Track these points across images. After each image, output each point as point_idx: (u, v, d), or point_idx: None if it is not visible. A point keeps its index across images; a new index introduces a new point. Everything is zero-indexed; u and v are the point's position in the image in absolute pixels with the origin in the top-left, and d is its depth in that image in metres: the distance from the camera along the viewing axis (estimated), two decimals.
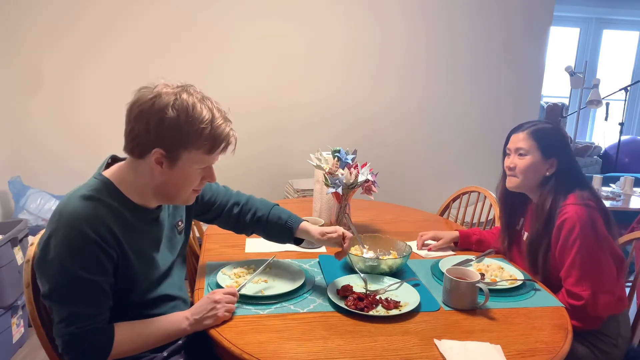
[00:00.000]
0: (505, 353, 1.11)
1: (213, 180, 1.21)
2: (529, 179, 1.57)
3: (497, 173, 1.75)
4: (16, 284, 2.24)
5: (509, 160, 1.61)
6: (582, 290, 1.39)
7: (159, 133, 1.08)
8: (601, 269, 1.41)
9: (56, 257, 1.05)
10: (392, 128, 3.42)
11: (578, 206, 1.43)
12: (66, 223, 1.06)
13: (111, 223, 1.10)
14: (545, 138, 1.55)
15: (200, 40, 3.05)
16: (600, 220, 1.44)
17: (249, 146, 3.22)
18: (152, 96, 1.08)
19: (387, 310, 1.25)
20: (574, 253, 1.41)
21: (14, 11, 2.82)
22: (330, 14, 3.17)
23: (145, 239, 1.21)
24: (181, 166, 1.12)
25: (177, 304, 1.30)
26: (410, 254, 1.50)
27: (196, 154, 1.12)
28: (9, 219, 2.87)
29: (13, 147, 2.96)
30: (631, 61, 5.05)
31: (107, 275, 1.10)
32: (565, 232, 1.43)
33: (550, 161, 1.54)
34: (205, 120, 1.09)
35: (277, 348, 1.09)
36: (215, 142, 1.12)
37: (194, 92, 1.12)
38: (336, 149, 1.81)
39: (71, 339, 1.07)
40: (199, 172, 1.17)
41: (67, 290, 1.06)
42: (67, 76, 2.95)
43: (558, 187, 1.51)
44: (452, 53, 3.38)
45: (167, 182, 1.15)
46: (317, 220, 1.74)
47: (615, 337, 1.46)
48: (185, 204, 1.25)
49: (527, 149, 1.56)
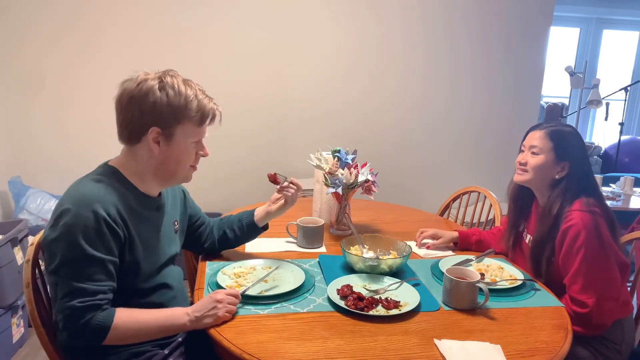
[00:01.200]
0: (505, 353, 1.11)
1: (206, 153, 1.29)
2: (537, 177, 1.56)
3: (497, 173, 1.76)
4: (16, 284, 2.24)
5: (521, 155, 1.60)
6: (587, 298, 1.38)
7: (152, 112, 1.17)
8: (606, 276, 1.40)
9: (66, 233, 1.09)
10: (391, 128, 3.42)
11: (583, 213, 1.42)
12: (78, 202, 1.11)
13: (119, 205, 1.16)
14: (561, 140, 1.53)
15: (199, 39, 3.05)
16: (605, 227, 1.43)
17: (249, 146, 3.23)
18: (138, 83, 1.17)
19: (387, 310, 1.25)
20: (579, 260, 1.40)
21: (15, 12, 2.82)
22: (330, 14, 3.17)
23: (149, 225, 1.26)
24: (177, 141, 1.21)
25: (176, 295, 1.32)
26: (410, 254, 1.50)
27: (189, 127, 1.21)
28: (9, 219, 2.87)
29: (13, 147, 2.96)
30: (631, 61, 5.05)
31: (113, 255, 1.14)
32: (570, 238, 1.42)
33: (562, 164, 1.53)
34: (191, 95, 1.20)
35: (277, 348, 1.09)
36: (204, 114, 1.22)
37: (175, 75, 1.22)
38: (336, 149, 1.81)
39: (72, 313, 1.08)
40: (193, 147, 1.25)
41: (74, 266, 1.09)
42: (67, 77, 2.95)
43: (566, 192, 1.50)
44: (452, 53, 3.38)
45: (165, 160, 1.22)
46: (317, 220, 1.74)
47: (619, 342, 1.45)
48: (184, 181, 1.31)
49: (541, 147, 1.54)
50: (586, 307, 1.37)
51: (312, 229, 1.69)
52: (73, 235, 1.08)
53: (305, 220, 1.72)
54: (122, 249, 1.17)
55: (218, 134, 3.14)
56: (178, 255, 1.43)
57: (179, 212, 1.44)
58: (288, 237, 1.76)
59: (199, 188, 3.00)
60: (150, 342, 1.21)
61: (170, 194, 1.40)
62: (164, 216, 1.33)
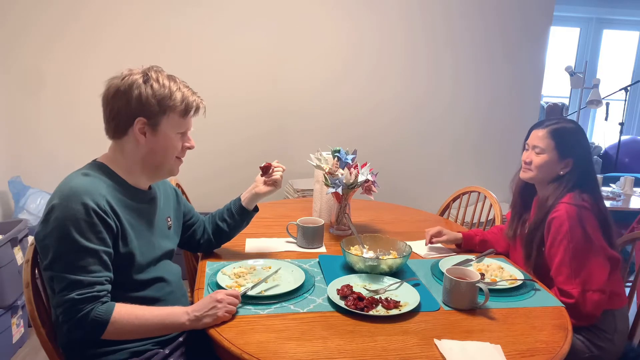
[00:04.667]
0: (505, 353, 1.11)
1: (192, 145, 1.32)
2: (542, 175, 1.59)
3: (497, 173, 1.76)
4: (16, 284, 2.24)
5: (526, 154, 1.63)
6: (572, 288, 1.42)
7: (138, 103, 1.20)
8: (590, 268, 1.43)
9: (57, 227, 1.10)
10: (391, 128, 3.42)
11: (570, 205, 1.46)
12: (67, 196, 1.12)
13: (109, 197, 1.18)
14: (564, 138, 1.56)
15: (199, 39, 3.04)
16: (592, 221, 1.46)
17: (249, 146, 3.23)
18: (123, 77, 1.21)
19: (387, 310, 1.25)
20: (563, 251, 1.44)
21: (16, 12, 2.82)
22: (331, 13, 3.17)
23: (140, 217, 1.27)
24: (162, 131, 1.23)
25: (174, 290, 1.33)
26: (410, 254, 1.50)
27: (173, 118, 1.24)
28: (9, 219, 2.87)
29: (13, 147, 2.96)
30: (631, 61, 5.04)
31: (106, 245, 1.15)
32: (554, 229, 1.47)
33: (566, 161, 1.56)
34: (175, 88, 1.23)
35: (277, 348, 1.09)
36: (188, 105, 1.25)
37: (159, 70, 1.25)
38: (336, 149, 1.81)
39: (71, 305, 1.08)
40: (179, 138, 1.27)
41: (68, 260, 1.10)
42: (68, 77, 2.95)
43: (563, 186, 1.53)
44: (453, 53, 3.38)
45: (152, 151, 1.25)
46: (317, 220, 1.74)
47: (611, 332, 1.48)
48: (171, 173, 1.32)
49: (543, 147, 1.57)
50: (571, 297, 1.41)
51: (312, 229, 1.69)
52: (64, 228, 1.09)
53: (305, 220, 1.72)
54: (116, 240, 1.18)
55: (218, 133, 3.15)
56: (176, 254, 1.44)
57: (172, 209, 1.45)
58: (288, 237, 1.76)
59: (199, 187, 3.00)
60: (151, 341, 1.22)
61: (162, 191, 1.42)
62: (156, 210, 1.35)
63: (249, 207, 1.59)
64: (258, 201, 1.60)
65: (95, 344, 1.17)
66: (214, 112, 3.12)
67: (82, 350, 1.18)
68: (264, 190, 1.57)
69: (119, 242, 1.19)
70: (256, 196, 1.58)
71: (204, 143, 3.15)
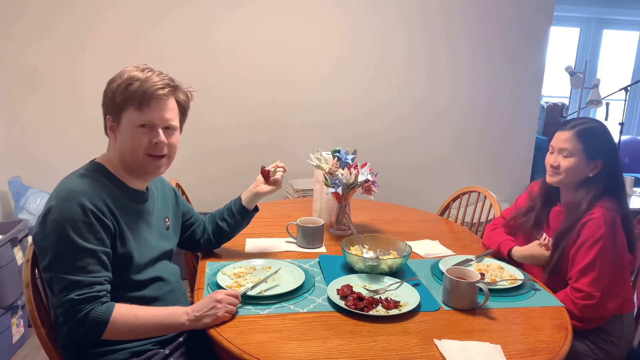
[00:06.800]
0: (505, 353, 1.11)
1: (159, 140, 1.23)
2: (570, 178, 1.54)
3: (497, 173, 1.76)
4: (16, 284, 2.24)
5: (552, 157, 1.57)
6: (595, 290, 1.40)
7: (105, 100, 1.23)
8: (615, 273, 1.42)
9: (55, 229, 1.10)
10: (391, 128, 3.41)
11: (606, 210, 1.44)
12: (64, 198, 1.12)
13: (106, 198, 1.18)
14: (591, 139, 1.51)
15: (200, 40, 3.04)
16: (621, 227, 1.44)
17: (248, 146, 3.22)
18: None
19: (387, 310, 1.25)
20: (595, 254, 1.41)
21: (15, 12, 2.82)
22: (332, 13, 3.17)
23: (138, 218, 1.27)
24: (124, 127, 1.22)
25: (173, 289, 1.33)
26: (410, 254, 1.50)
27: (131, 112, 1.21)
28: (9, 219, 2.87)
29: (13, 147, 2.96)
30: (631, 61, 5.04)
31: (104, 245, 1.15)
32: (588, 232, 1.43)
33: (594, 162, 1.51)
34: (136, 80, 1.19)
35: (277, 348, 1.09)
36: (143, 98, 1.19)
37: (142, 66, 1.24)
38: (336, 149, 1.81)
39: (71, 305, 1.08)
40: (143, 133, 1.22)
41: (67, 260, 1.10)
42: (68, 77, 2.94)
43: (596, 190, 1.49)
44: (453, 53, 3.38)
45: (121, 148, 1.23)
46: (317, 220, 1.74)
47: (617, 336, 1.47)
48: (151, 172, 1.27)
49: (571, 150, 1.51)
50: (593, 298, 1.39)
51: (312, 229, 1.69)
52: (62, 229, 1.10)
53: (305, 220, 1.72)
54: (114, 241, 1.18)
55: (218, 133, 3.15)
56: (176, 254, 1.44)
57: (171, 209, 1.45)
58: (288, 237, 1.76)
59: (199, 187, 3.00)
60: (150, 341, 1.22)
61: (160, 191, 1.42)
62: (154, 211, 1.34)
63: (249, 206, 1.59)
64: (258, 201, 1.61)
65: (95, 344, 1.17)
66: (214, 112, 3.14)
67: (82, 350, 1.18)
68: (265, 189, 1.57)
69: (117, 243, 1.19)
70: (257, 196, 1.58)
71: (204, 143, 3.17)
